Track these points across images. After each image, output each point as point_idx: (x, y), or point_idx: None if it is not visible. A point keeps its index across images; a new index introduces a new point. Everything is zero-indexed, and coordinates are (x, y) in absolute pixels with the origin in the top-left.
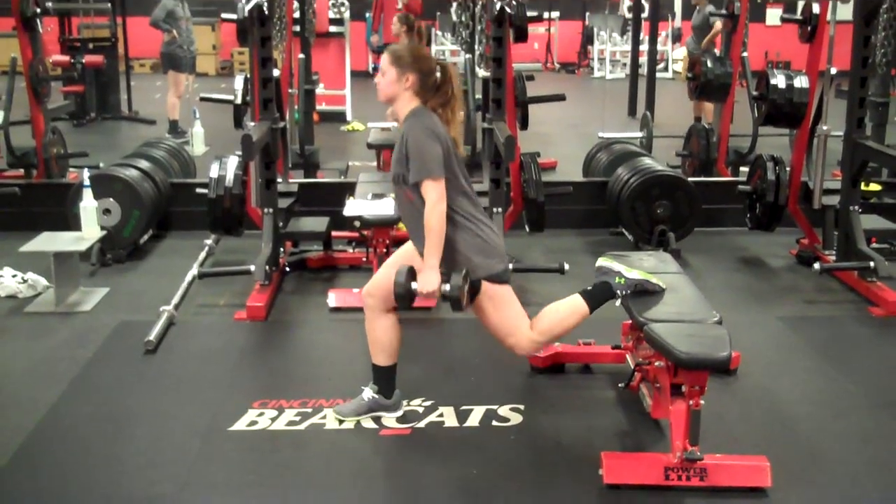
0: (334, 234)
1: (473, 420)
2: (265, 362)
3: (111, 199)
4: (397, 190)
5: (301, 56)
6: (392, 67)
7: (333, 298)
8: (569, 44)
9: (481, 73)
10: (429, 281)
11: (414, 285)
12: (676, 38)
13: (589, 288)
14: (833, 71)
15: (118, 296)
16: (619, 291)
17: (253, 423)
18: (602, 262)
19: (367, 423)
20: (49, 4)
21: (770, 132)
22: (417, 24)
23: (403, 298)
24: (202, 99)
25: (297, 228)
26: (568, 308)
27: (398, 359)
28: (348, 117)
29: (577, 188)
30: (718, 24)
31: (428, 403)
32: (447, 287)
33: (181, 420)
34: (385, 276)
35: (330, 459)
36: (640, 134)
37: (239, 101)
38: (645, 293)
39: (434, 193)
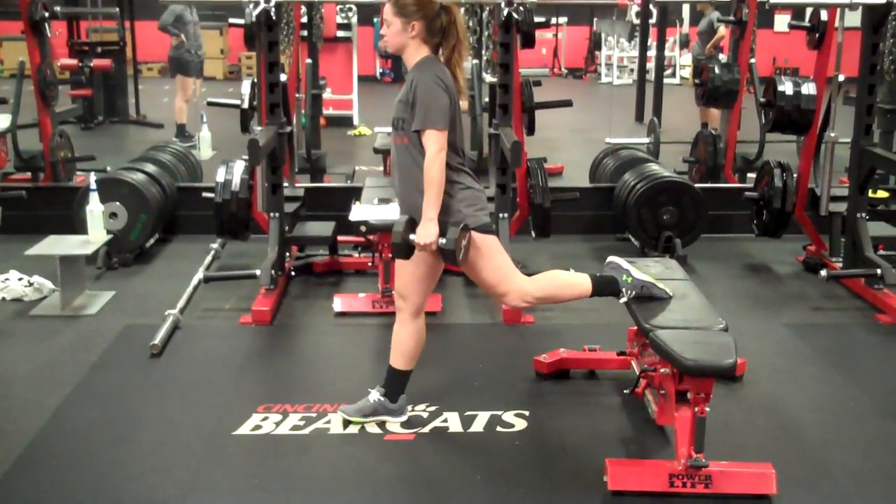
0: (340, 238)
1: (478, 426)
2: (270, 366)
3: (118, 203)
4: (393, 133)
5: (308, 61)
6: (396, 18)
7: (339, 303)
8: (576, 49)
9: (488, 78)
10: (427, 232)
11: (412, 236)
12: (684, 43)
13: (598, 275)
14: (841, 78)
15: (124, 299)
16: (624, 290)
17: (257, 427)
18: (613, 258)
19: (372, 428)
20: (57, 9)
21: (777, 139)
22: None
23: (400, 248)
24: (209, 103)
25: (302, 233)
26: (572, 279)
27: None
28: (355, 122)
29: (583, 194)
30: (722, 30)
31: (432, 409)
32: (443, 240)
33: (185, 424)
34: (410, 273)
35: (334, 464)
36: (647, 140)
37: (246, 105)
38: (651, 298)
39: (436, 144)
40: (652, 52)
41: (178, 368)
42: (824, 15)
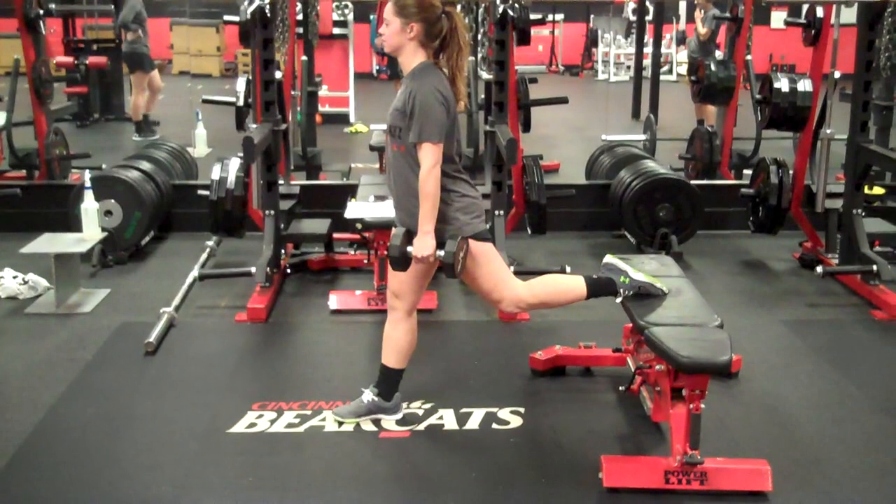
0: (336, 236)
1: (473, 423)
2: (265, 364)
3: (112, 201)
4: (389, 139)
5: (304, 58)
6: (396, 17)
7: (334, 300)
8: (573, 46)
9: (484, 75)
10: (425, 245)
11: (409, 249)
12: (681, 40)
13: (594, 276)
14: (837, 74)
15: (119, 297)
16: (621, 290)
17: (252, 425)
18: (610, 258)
19: (367, 425)
20: (52, 6)
21: (773, 135)
22: None
23: (398, 261)
24: (205, 101)
25: (298, 230)
26: (568, 284)
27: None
28: (351, 119)
29: (579, 191)
30: (700, 28)
31: (427, 406)
32: (441, 252)
33: (180, 422)
34: (406, 272)
35: (329, 462)
36: (643, 137)
37: (241, 103)
38: (648, 296)
39: (431, 158)
40: (648, 49)
41: (173, 366)
42: (820, 12)
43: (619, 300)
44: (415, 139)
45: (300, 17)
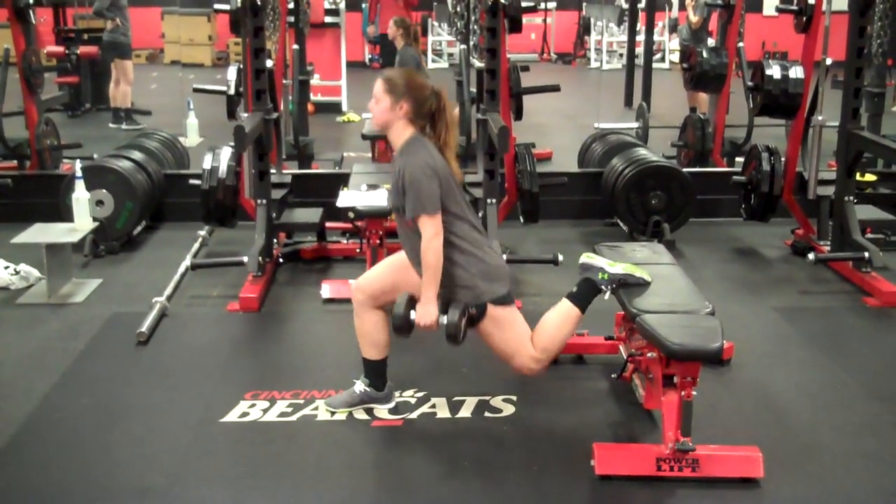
0: (328, 225)
1: (466, 411)
2: (258, 354)
3: (104, 191)
4: (397, 217)
5: (295, 47)
6: (386, 96)
7: (327, 289)
8: (565, 34)
9: (476, 63)
10: (427, 313)
11: (412, 315)
12: (673, 28)
13: (574, 290)
14: (828, 61)
15: (111, 287)
16: (603, 287)
17: (245, 414)
18: (584, 258)
19: (359, 414)
20: None
21: (765, 123)
22: (413, 27)
23: (401, 329)
24: (195, 90)
25: (290, 219)
26: (559, 317)
27: (390, 351)
28: (344, 108)
29: (571, 179)
30: (692, 17)
31: (420, 395)
32: (444, 319)
33: (173, 412)
34: (378, 274)
35: (321, 451)
36: (636, 125)
37: (232, 91)
38: (630, 286)
39: (430, 229)
40: (641, 37)
41: (166, 356)
42: None
43: (606, 296)
44: (411, 214)
45: (291, 5)
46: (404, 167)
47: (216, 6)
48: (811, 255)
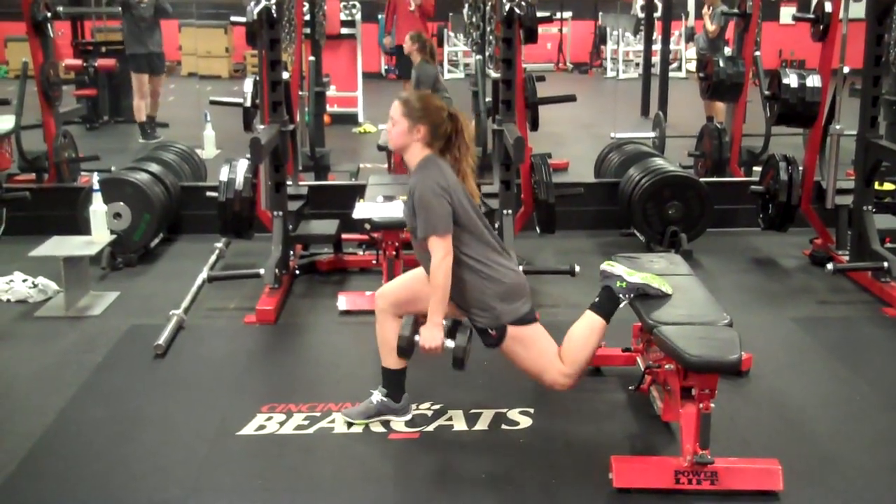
0: (344, 236)
1: (483, 424)
2: (274, 366)
3: (121, 203)
4: (412, 236)
5: (311, 58)
6: (404, 119)
7: (343, 301)
8: (581, 44)
9: (492, 73)
10: (432, 336)
11: (417, 338)
12: (689, 37)
13: (596, 300)
14: (846, 69)
15: (128, 300)
16: (621, 295)
17: (261, 427)
18: (605, 266)
19: (376, 426)
20: (60, 9)
21: (783, 132)
22: (429, 43)
23: (405, 351)
24: (212, 102)
25: (307, 231)
26: (585, 328)
27: (408, 363)
28: (360, 119)
29: (588, 189)
30: (709, 26)
31: (437, 407)
32: (450, 343)
33: (189, 424)
34: (401, 283)
35: (338, 464)
36: (652, 134)
37: (248, 103)
38: (650, 296)
39: (440, 250)
40: (657, 46)
41: (183, 368)
42: (829, 7)
43: (622, 304)
44: (422, 235)
45: (307, 17)
46: (415, 187)
47: (233, 18)
48: (830, 265)
